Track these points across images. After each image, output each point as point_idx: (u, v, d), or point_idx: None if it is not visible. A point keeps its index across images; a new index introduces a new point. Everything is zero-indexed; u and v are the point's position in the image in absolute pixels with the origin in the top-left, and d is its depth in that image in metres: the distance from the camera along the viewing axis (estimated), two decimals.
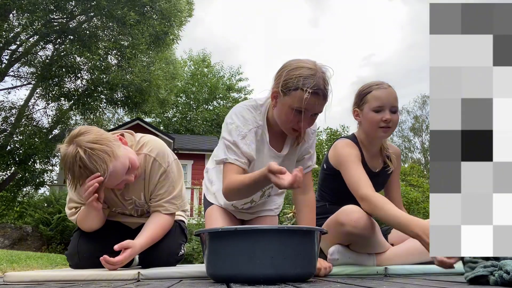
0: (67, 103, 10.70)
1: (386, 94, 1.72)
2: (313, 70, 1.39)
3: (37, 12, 8.64)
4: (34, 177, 10.21)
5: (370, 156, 1.82)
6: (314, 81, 1.37)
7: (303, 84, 1.36)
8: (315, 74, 1.38)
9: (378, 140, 1.81)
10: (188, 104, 21.37)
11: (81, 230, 1.77)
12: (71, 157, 1.45)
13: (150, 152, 1.67)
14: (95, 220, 1.68)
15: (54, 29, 9.52)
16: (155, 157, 1.67)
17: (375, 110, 1.72)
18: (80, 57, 9.56)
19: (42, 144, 9.36)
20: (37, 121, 10.84)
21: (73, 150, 1.45)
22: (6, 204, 11.63)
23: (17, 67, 10.37)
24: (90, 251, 1.71)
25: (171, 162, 1.72)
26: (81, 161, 1.45)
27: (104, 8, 8.87)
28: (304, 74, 1.38)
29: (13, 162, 9.62)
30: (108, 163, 1.47)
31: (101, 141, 1.49)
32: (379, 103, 1.71)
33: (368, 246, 1.62)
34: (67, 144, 1.48)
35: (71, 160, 1.45)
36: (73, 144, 1.46)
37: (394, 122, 1.72)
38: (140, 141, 1.69)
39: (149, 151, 1.68)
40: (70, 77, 9.98)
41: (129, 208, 1.77)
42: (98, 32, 9.84)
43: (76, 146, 1.45)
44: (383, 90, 1.73)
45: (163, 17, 10.07)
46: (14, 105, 10.52)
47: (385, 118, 1.69)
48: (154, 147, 1.69)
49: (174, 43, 11.47)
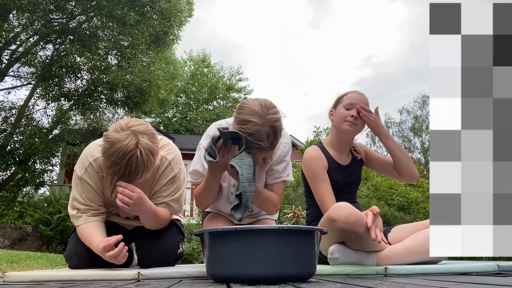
0: (67, 103, 10.69)
1: (359, 97, 1.96)
2: (259, 126, 1.50)
3: (37, 12, 8.63)
4: (34, 177, 10.20)
5: (338, 153, 2.03)
6: (258, 137, 1.49)
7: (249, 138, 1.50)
8: (259, 131, 1.50)
9: (345, 137, 2.00)
10: (188, 104, 21.37)
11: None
12: (126, 149, 1.40)
13: (167, 155, 1.71)
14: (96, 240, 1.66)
15: (54, 29, 9.51)
16: (170, 161, 1.71)
17: (346, 108, 1.95)
18: (80, 57, 9.55)
19: (42, 144, 9.35)
20: (37, 121, 10.82)
21: (132, 144, 1.41)
22: (6, 204, 11.62)
23: (17, 67, 10.36)
24: (88, 251, 1.71)
25: (181, 169, 1.77)
26: (135, 159, 1.41)
27: (104, 8, 8.87)
28: (249, 130, 1.50)
29: (13, 162, 9.61)
30: (150, 169, 1.50)
31: (155, 142, 1.50)
32: (350, 101, 1.95)
33: (362, 243, 1.64)
34: (126, 132, 1.43)
35: (124, 152, 1.40)
36: (133, 137, 1.42)
37: (360, 122, 1.94)
38: (160, 142, 1.68)
39: (166, 153, 1.71)
40: (70, 77, 9.97)
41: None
42: (98, 32, 9.83)
43: (136, 141, 1.42)
44: (357, 94, 1.98)
45: (163, 17, 10.06)
46: (14, 105, 10.50)
47: (353, 114, 1.91)
48: (171, 151, 1.74)
49: (174, 43, 11.47)
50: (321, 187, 1.87)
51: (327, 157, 1.99)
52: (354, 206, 1.62)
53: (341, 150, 2.03)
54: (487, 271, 1.55)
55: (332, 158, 2.00)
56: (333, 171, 1.98)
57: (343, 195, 1.92)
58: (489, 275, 1.45)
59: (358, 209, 1.69)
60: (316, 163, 1.92)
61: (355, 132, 1.98)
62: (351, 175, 2.03)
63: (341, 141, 2.01)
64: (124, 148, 1.41)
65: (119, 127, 1.45)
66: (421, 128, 28.65)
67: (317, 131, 11.96)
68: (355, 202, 2.06)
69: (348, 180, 2.02)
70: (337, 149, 2.03)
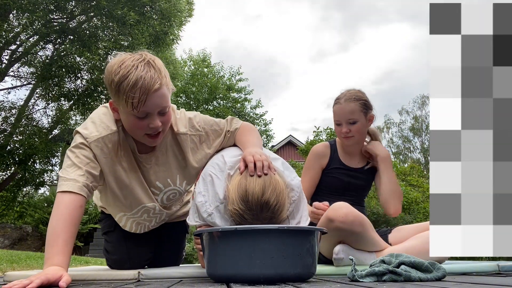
0: (67, 103, 10.68)
1: (339, 110, 1.96)
2: (249, 218, 1.21)
3: (37, 12, 8.62)
4: (34, 177, 10.19)
5: (347, 154, 2.05)
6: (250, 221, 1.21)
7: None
8: (250, 221, 1.21)
9: (349, 148, 2.04)
10: (188, 104, 21.36)
11: (120, 233, 1.70)
12: (132, 59, 1.29)
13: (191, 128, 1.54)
14: None
15: (54, 29, 9.50)
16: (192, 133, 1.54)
17: (336, 124, 2.00)
18: (80, 57, 9.54)
19: (42, 144, 9.35)
20: (37, 121, 10.81)
21: (138, 56, 1.32)
22: (6, 204, 11.61)
23: (17, 67, 10.35)
24: (141, 256, 1.73)
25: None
26: (147, 64, 1.28)
27: (104, 8, 8.86)
28: (237, 214, 1.23)
29: (13, 162, 9.60)
30: (167, 87, 1.33)
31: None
32: (337, 118, 1.98)
33: (361, 242, 1.64)
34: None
35: (132, 62, 1.27)
36: (137, 54, 1.33)
37: (354, 131, 1.95)
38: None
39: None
40: (70, 77, 9.95)
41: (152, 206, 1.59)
42: (98, 32, 9.83)
43: (141, 54, 1.33)
44: (338, 106, 1.98)
45: (163, 17, 10.06)
46: (14, 105, 10.50)
47: (343, 131, 1.95)
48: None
49: (174, 43, 11.46)
50: (304, 179, 2.00)
51: (334, 156, 2.04)
52: (357, 210, 1.62)
53: (351, 153, 2.07)
54: (487, 271, 1.54)
55: (339, 158, 2.05)
56: (337, 171, 2.02)
57: (347, 197, 1.92)
58: (489, 275, 1.45)
59: (362, 213, 1.69)
60: (313, 158, 2.04)
61: (354, 143, 2.01)
62: (359, 179, 2.04)
63: (345, 148, 2.06)
64: (130, 59, 1.29)
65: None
66: (420, 128, 28.64)
67: (317, 131, 11.96)
68: (361, 206, 2.05)
69: (354, 183, 2.03)
70: (346, 152, 2.07)
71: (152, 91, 1.26)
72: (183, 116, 1.52)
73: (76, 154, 1.34)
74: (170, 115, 1.38)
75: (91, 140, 1.35)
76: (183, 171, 1.54)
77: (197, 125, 1.52)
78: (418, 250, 1.63)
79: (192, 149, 1.51)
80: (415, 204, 9.89)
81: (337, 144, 2.10)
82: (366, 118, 1.97)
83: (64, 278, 1.07)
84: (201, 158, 1.53)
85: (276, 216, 1.22)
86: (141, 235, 1.71)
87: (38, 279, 1.02)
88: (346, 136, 1.96)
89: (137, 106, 1.26)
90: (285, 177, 1.33)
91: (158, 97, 1.29)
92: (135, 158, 1.46)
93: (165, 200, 1.60)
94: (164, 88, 1.31)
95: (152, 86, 1.25)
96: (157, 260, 1.87)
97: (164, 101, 1.32)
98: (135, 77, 1.24)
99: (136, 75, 1.24)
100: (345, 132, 1.95)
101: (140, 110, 1.27)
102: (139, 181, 1.48)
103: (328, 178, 2.05)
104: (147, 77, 1.25)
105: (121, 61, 1.29)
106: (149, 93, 1.26)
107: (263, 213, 1.20)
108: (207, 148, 1.53)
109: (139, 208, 1.55)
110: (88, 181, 1.31)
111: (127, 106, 1.27)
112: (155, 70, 1.28)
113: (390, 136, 28.78)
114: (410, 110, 29.00)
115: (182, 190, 1.60)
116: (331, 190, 2.03)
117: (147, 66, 1.28)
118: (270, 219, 1.21)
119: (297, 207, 1.44)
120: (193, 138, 1.51)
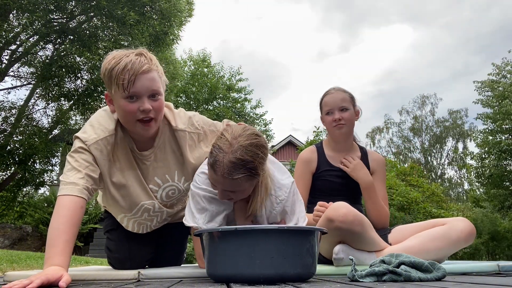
0: (67, 103, 10.68)
1: (331, 99, 2.02)
2: (222, 153, 1.25)
3: (37, 12, 8.62)
4: (34, 177, 10.19)
5: (336, 153, 2.08)
6: (220, 167, 1.25)
7: (213, 162, 1.28)
8: (221, 160, 1.25)
9: (339, 138, 2.06)
10: (188, 104, 21.35)
11: (123, 231, 1.71)
12: (125, 52, 1.38)
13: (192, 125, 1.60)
14: None
15: (54, 29, 9.50)
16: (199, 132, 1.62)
17: (327, 114, 2.04)
18: (80, 57, 9.54)
19: (42, 144, 9.34)
20: (37, 121, 10.81)
21: (132, 50, 1.40)
22: (6, 204, 11.60)
23: (17, 67, 10.35)
24: (143, 255, 1.73)
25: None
26: (138, 54, 1.36)
27: (104, 8, 8.86)
28: (214, 155, 1.28)
29: (13, 162, 9.60)
30: (153, 64, 1.38)
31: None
32: (328, 108, 2.03)
33: (360, 242, 1.64)
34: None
35: (124, 53, 1.37)
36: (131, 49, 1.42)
37: (346, 118, 2.00)
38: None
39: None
40: (70, 77, 9.95)
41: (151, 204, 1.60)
42: (98, 32, 9.83)
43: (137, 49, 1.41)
44: (329, 96, 2.04)
45: (163, 17, 10.05)
46: (14, 105, 10.50)
47: (335, 118, 1.99)
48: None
49: (174, 43, 11.46)
50: (298, 187, 1.99)
51: (322, 159, 2.07)
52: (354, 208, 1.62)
53: (340, 150, 2.09)
54: (487, 271, 1.55)
55: (327, 160, 2.07)
56: (327, 173, 2.03)
57: (343, 198, 1.90)
58: (489, 275, 1.45)
59: (359, 211, 1.69)
60: (302, 165, 2.07)
61: (346, 131, 2.03)
62: (351, 179, 2.02)
63: (336, 143, 2.09)
64: (124, 53, 1.37)
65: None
66: (420, 128, 28.65)
67: (317, 131, 11.96)
68: (358, 204, 2.06)
69: (346, 183, 2.04)
70: (335, 150, 2.09)
71: (141, 72, 1.33)
72: (182, 114, 1.56)
73: (76, 159, 1.36)
74: (162, 103, 1.41)
75: (90, 143, 1.38)
76: (181, 167, 1.57)
77: (196, 123, 1.55)
78: (417, 250, 1.63)
79: (190, 146, 1.55)
80: (415, 204, 9.89)
81: (324, 146, 2.12)
82: (354, 110, 2.05)
83: (64, 278, 1.08)
84: (199, 156, 1.56)
85: (239, 172, 1.23)
86: (143, 235, 1.71)
87: (38, 279, 1.03)
88: (339, 123, 1.99)
89: (127, 86, 1.31)
90: (275, 176, 1.40)
91: (147, 80, 1.34)
92: (134, 156, 1.48)
93: (164, 197, 1.61)
94: (154, 73, 1.37)
95: (140, 68, 1.33)
96: (159, 260, 1.87)
97: (154, 84, 1.37)
98: (125, 62, 1.32)
99: (126, 61, 1.33)
100: (338, 119, 1.98)
101: (131, 91, 1.33)
102: (137, 178, 1.50)
103: (319, 181, 2.06)
104: (136, 61, 1.33)
105: (115, 54, 1.38)
106: (137, 74, 1.32)
107: (231, 154, 1.23)
108: (205, 147, 1.58)
109: (138, 207, 1.56)
110: (88, 183, 1.33)
111: (118, 89, 1.33)
112: (145, 58, 1.36)
113: (390, 136, 28.77)
114: (410, 110, 29.01)
115: (181, 187, 1.61)
116: (325, 192, 2.04)
117: (138, 55, 1.36)
118: (232, 171, 1.23)
119: (292, 208, 1.45)
120: (192, 136, 1.55)
